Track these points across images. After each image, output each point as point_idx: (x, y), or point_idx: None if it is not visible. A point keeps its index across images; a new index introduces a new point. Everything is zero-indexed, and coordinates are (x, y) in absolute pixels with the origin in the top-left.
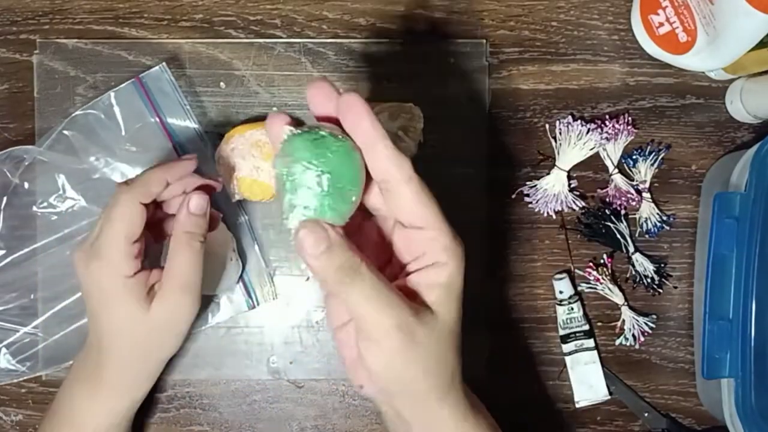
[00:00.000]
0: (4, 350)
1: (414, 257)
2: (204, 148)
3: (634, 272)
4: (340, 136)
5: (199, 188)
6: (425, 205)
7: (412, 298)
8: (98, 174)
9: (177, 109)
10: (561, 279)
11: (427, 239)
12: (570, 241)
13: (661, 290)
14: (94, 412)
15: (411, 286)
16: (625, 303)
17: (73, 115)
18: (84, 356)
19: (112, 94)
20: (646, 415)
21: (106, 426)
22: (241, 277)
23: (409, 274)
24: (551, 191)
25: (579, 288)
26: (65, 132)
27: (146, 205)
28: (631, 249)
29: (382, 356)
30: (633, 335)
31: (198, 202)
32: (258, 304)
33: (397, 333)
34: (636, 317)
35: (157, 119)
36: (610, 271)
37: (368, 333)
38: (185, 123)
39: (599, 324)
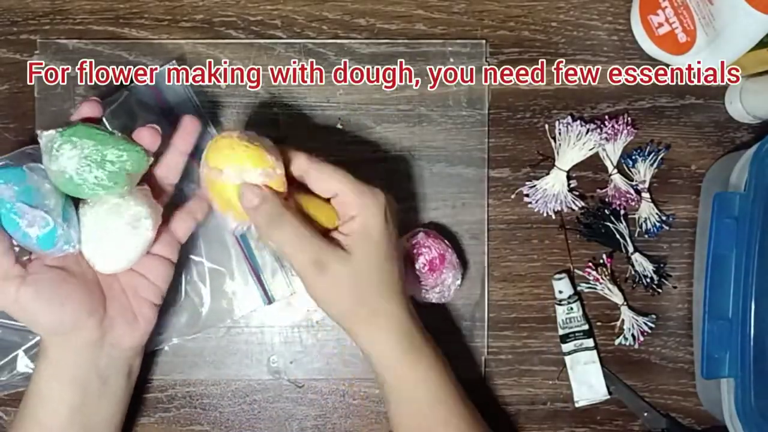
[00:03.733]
0: (21, 354)
1: (341, 218)
2: None
3: (633, 272)
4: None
5: None
6: (329, 178)
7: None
8: None
9: (187, 106)
10: (560, 279)
11: (341, 202)
12: (569, 241)
13: (660, 290)
14: (38, 373)
15: (334, 237)
16: (625, 303)
17: None
18: None
19: (124, 93)
20: (645, 415)
21: (47, 384)
22: (257, 273)
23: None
24: (551, 191)
25: (578, 288)
26: None
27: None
28: (631, 249)
29: (306, 285)
30: (632, 335)
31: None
32: (273, 301)
33: (311, 266)
34: (635, 317)
35: (168, 117)
36: (609, 271)
37: (294, 268)
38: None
39: (599, 324)
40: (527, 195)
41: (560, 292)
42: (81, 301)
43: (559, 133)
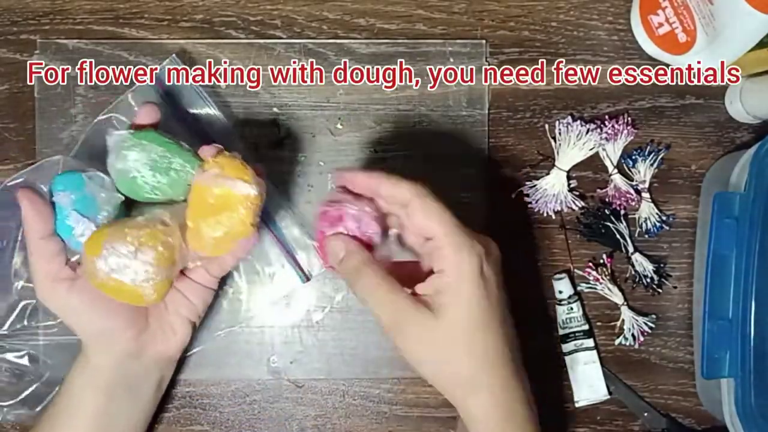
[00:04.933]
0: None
1: (432, 264)
2: (228, 133)
3: (633, 272)
4: None
5: None
6: (430, 218)
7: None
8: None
9: (194, 97)
10: (560, 279)
11: (434, 247)
12: (570, 241)
13: (660, 290)
14: (72, 373)
15: (423, 292)
16: (625, 303)
17: (96, 120)
18: None
19: (129, 95)
20: (645, 415)
21: (79, 385)
22: (291, 254)
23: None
24: (551, 191)
25: (579, 288)
26: (90, 139)
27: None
28: (631, 249)
29: (391, 339)
30: (633, 335)
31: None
32: (311, 277)
33: (388, 326)
34: (635, 317)
35: (177, 111)
36: (609, 271)
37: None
38: (205, 110)
39: (599, 324)
40: (527, 195)
41: (560, 292)
42: (125, 312)
43: (559, 133)
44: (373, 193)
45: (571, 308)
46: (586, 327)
